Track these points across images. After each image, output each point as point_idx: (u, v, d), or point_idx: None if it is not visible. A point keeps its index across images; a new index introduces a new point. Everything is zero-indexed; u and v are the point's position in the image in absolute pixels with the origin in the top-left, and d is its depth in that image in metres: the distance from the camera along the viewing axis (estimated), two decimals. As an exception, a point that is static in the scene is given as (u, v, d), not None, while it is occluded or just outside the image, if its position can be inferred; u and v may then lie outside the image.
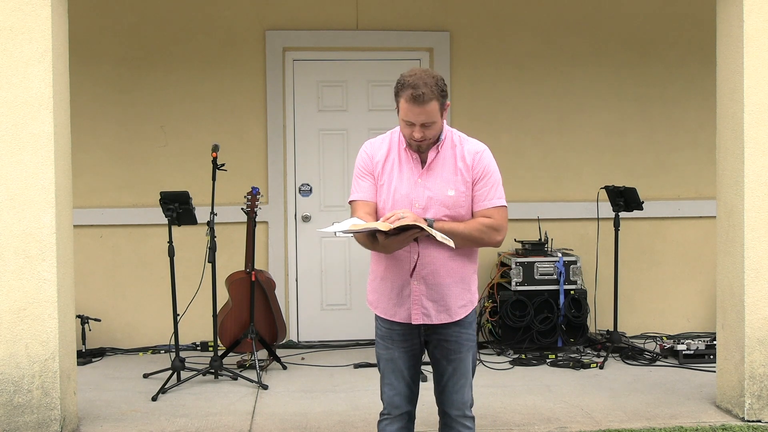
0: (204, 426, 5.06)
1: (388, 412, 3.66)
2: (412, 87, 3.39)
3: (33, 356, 4.68)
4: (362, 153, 3.65)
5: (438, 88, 3.42)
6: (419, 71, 3.45)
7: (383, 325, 3.66)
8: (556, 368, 6.33)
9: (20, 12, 4.64)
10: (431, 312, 3.56)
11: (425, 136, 3.46)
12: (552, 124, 7.37)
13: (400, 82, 3.45)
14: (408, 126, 3.46)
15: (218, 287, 6.12)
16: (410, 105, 3.40)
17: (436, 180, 3.54)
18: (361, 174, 3.62)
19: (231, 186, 6.66)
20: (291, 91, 7.23)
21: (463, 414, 3.65)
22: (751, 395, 5.05)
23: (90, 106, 6.92)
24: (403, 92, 3.42)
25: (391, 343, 3.63)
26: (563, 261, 6.79)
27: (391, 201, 3.55)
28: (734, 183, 5.12)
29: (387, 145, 3.61)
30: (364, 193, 3.61)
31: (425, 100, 3.38)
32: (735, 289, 5.13)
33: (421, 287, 3.54)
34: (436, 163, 3.55)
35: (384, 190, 3.57)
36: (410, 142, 3.52)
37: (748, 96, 5.01)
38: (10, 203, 4.66)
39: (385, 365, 3.65)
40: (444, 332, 3.59)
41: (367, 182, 3.60)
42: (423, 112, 3.40)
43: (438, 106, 3.43)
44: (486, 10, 7.29)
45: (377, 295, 3.65)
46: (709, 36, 5.74)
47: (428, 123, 3.44)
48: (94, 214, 6.96)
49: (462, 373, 3.62)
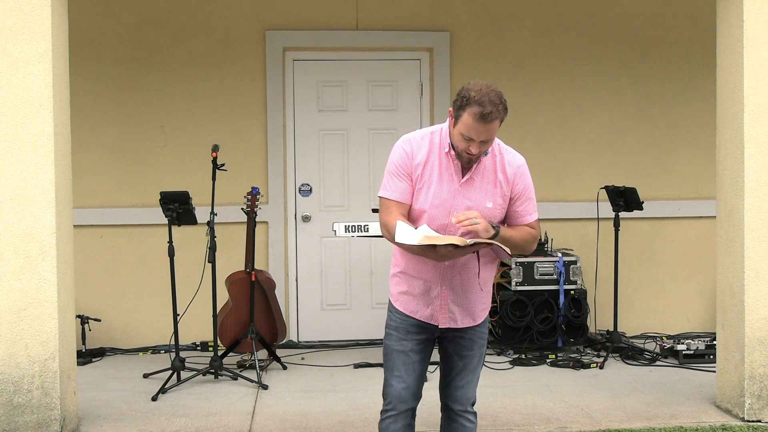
0: (204, 426, 5.06)
1: (393, 407, 3.58)
2: (480, 104, 3.31)
3: (33, 356, 4.68)
4: (401, 150, 3.53)
5: (503, 106, 3.37)
6: (484, 87, 3.37)
7: (398, 315, 3.61)
8: (556, 368, 6.33)
9: (20, 12, 4.64)
10: (457, 317, 3.58)
11: (480, 151, 3.42)
12: (552, 124, 7.37)
13: (465, 96, 3.36)
14: (466, 140, 3.38)
15: (218, 287, 6.12)
16: (476, 123, 3.32)
17: (475, 190, 3.49)
18: (398, 172, 3.50)
19: (231, 186, 6.66)
20: (291, 91, 7.23)
21: (465, 409, 3.68)
22: (751, 395, 5.05)
23: (90, 106, 6.92)
24: (469, 107, 3.33)
25: (406, 335, 3.58)
26: (563, 261, 6.79)
27: (429, 206, 3.48)
28: (734, 183, 5.12)
29: (427, 146, 3.51)
30: (400, 193, 3.50)
31: (492, 119, 3.33)
32: (735, 289, 5.13)
33: (449, 292, 3.54)
34: (477, 173, 3.50)
35: (422, 194, 3.49)
36: (461, 154, 3.44)
37: (748, 96, 5.01)
38: (10, 203, 4.66)
39: (396, 357, 3.58)
40: (461, 330, 3.62)
41: (404, 183, 3.49)
42: (487, 130, 3.35)
43: (499, 125, 3.38)
44: (486, 10, 7.29)
45: (403, 289, 3.60)
46: (709, 36, 5.74)
47: (487, 140, 3.40)
48: (94, 214, 6.96)
49: (470, 369, 3.66)
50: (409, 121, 7.22)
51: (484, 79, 3.50)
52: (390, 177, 3.52)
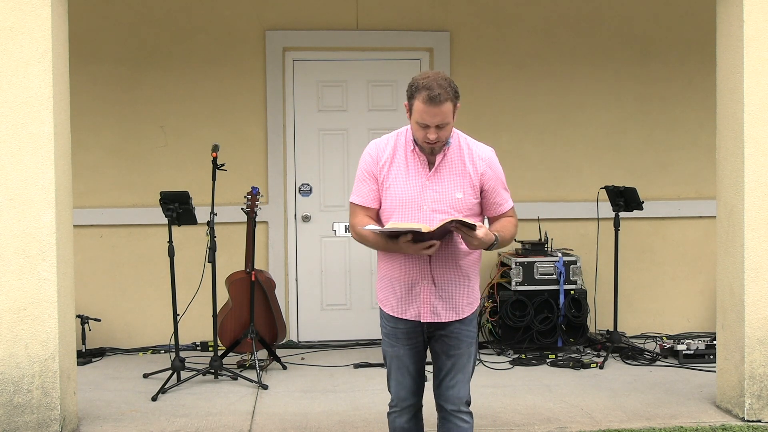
0: (204, 426, 5.06)
1: (396, 405, 3.76)
2: (427, 88, 3.42)
3: (33, 356, 4.68)
4: (366, 155, 3.66)
5: (452, 89, 3.49)
6: (432, 73, 3.50)
7: (388, 323, 3.72)
8: (556, 368, 6.33)
9: (20, 12, 4.64)
10: (440, 310, 3.62)
11: (439, 137, 3.50)
12: (552, 124, 7.37)
13: (413, 85, 3.48)
14: (422, 128, 3.49)
15: (218, 287, 6.12)
16: (426, 106, 3.43)
17: (443, 182, 3.57)
18: (364, 177, 3.64)
19: (231, 186, 6.66)
20: (291, 91, 7.23)
21: (458, 409, 3.69)
22: (751, 395, 5.05)
23: (90, 106, 6.92)
24: (418, 94, 3.45)
25: (396, 341, 3.71)
26: (563, 261, 6.79)
27: (399, 202, 3.57)
28: (734, 183, 5.12)
29: (392, 146, 3.63)
30: (364, 197, 3.64)
31: (441, 100, 3.43)
32: (735, 289, 5.13)
33: (431, 287, 3.60)
34: (444, 166, 3.58)
35: (390, 191, 3.59)
36: (423, 145, 3.54)
37: (748, 96, 5.01)
38: (10, 203, 4.66)
39: (391, 361, 3.75)
40: (446, 328, 3.66)
41: (368, 186, 3.63)
42: (439, 113, 3.44)
43: (452, 107, 3.49)
44: (486, 10, 7.29)
45: (387, 293, 3.69)
46: (709, 36, 5.74)
47: (443, 124, 3.48)
48: (94, 214, 6.96)
49: (459, 368, 3.68)
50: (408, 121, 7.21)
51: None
52: (357, 182, 3.68)
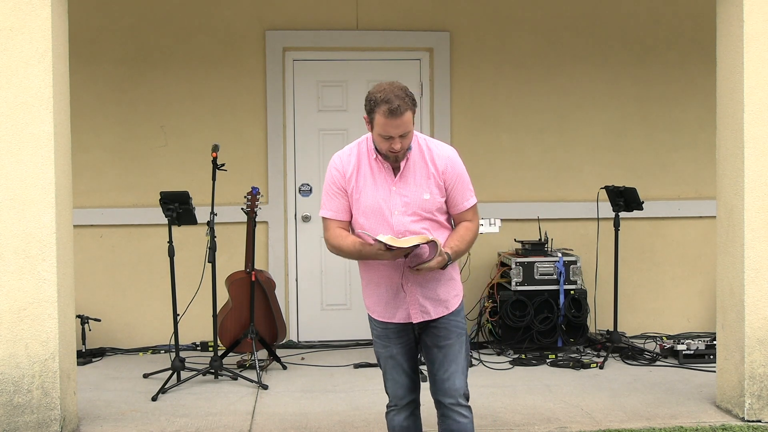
0: (204, 426, 5.06)
1: (395, 404, 3.82)
2: (386, 102, 3.49)
3: (33, 356, 4.68)
4: (332, 170, 3.72)
5: (410, 98, 3.55)
6: (386, 85, 3.55)
7: (378, 325, 3.78)
8: (556, 368, 6.33)
9: (20, 12, 4.64)
10: (429, 309, 3.69)
11: (403, 145, 3.58)
12: (552, 124, 7.37)
13: (371, 99, 3.54)
14: (386, 140, 3.56)
15: (218, 287, 6.12)
16: (387, 119, 3.50)
17: (410, 185, 3.65)
18: (332, 191, 3.70)
19: (231, 186, 6.66)
20: (291, 91, 7.23)
21: (456, 402, 3.70)
22: (751, 395, 5.05)
23: (90, 106, 6.92)
24: (378, 108, 3.51)
25: (388, 341, 3.77)
26: (563, 261, 6.79)
27: (370, 210, 3.65)
28: (734, 183, 5.11)
29: (356, 157, 3.70)
30: (336, 212, 3.70)
31: (401, 112, 3.50)
32: (735, 289, 5.13)
33: (416, 288, 3.66)
34: (408, 170, 3.66)
35: (361, 201, 3.66)
36: (387, 155, 3.61)
37: (748, 96, 5.01)
38: (10, 203, 4.66)
39: (385, 362, 3.80)
40: (435, 321, 3.72)
41: (339, 200, 3.69)
42: (401, 123, 3.52)
43: (412, 116, 3.56)
44: (486, 10, 7.29)
45: (374, 299, 3.75)
46: (709, 36, 5.74)
47: (405, 133, 3.55)
48: (94, 214, 6.96)
49: (451, 359, 3.70)
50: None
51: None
52: (327, 196, 3.73)
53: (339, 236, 3.67)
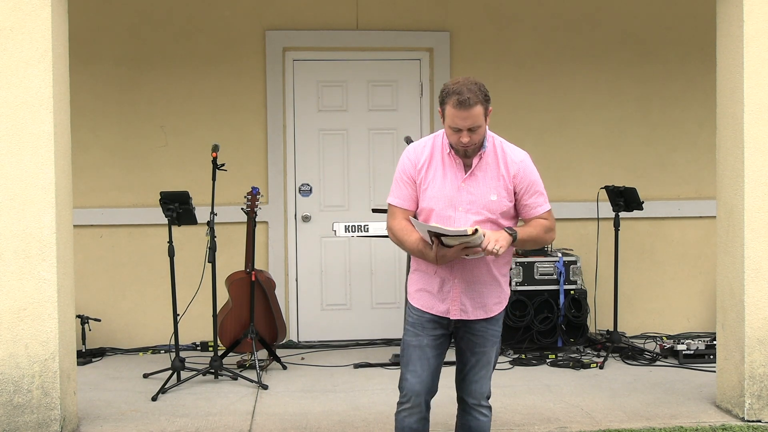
0: (204, 426, 5.06)
1: (408, 400, 3.69)
2: (457, 93, 3.51)
3: (33, 356, 4.68)
4: (405, 159, 3.74)
5: (482, 93, 3.56)
6: (462, 79, 3.57)
7: (415, 312, 3.75)
8: (556, 368, 6.33)
9: (20, 12, 4.64)
10: (468, 308, 3.70)
11: (472, 140, 3.58)
12: (552, 124, 7.37)
13: (444, 90, 3.57)
14: (455, 132, 3.57)
15: (218, 287, 6.12)
16: (456, 110, 3.51)
17: (479, 184, 3.66)
18: (403, 180, 3.72)
19: (231, 186, 6.66)
20: (291, 91, 7.23)
21: (479, 403, 3.81)
22: (751, 395, 5.05)
23: (90, 106, 6.92)
24: (448, 99, 3.54)
25: (422, 330, 3.72)
26: (563, 261, 6.79)
27: (435, 203, 3.66)
28: (734, 183, 5.11)
29: (429, 149, 3.71)
30: (403, 200, 3.72)
31: (471, 104, 3.51)
32: (735, 289, 5.13)
33: (461, 285, 3.68)
34: (479, 169, 3.68)
35: (428, 193, 3.68)
36: (457, 148, 3.62)
37: (748, 96, 5.01)
38: (10, 203, 4.66)
39: (412, 352, 3.71)
40: (473, 326, 3.73)
41: (408, 190, 3.71)
42: (469, 116, 3.52)
43: (482, 110, 3.57)
44: (486, 10, 7.29)
45: (418, 287, 3.75)
46: (709, 36, 5.74)
47: (474, 127, 3.56)
48: (94, 214, 6.96)
49: (483, 365, 3.78)
50: (409, 121, 7.23)
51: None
52: (396, 184, 3.75)
53: (404, 229, 3.67)
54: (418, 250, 3.62)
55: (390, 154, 7.18)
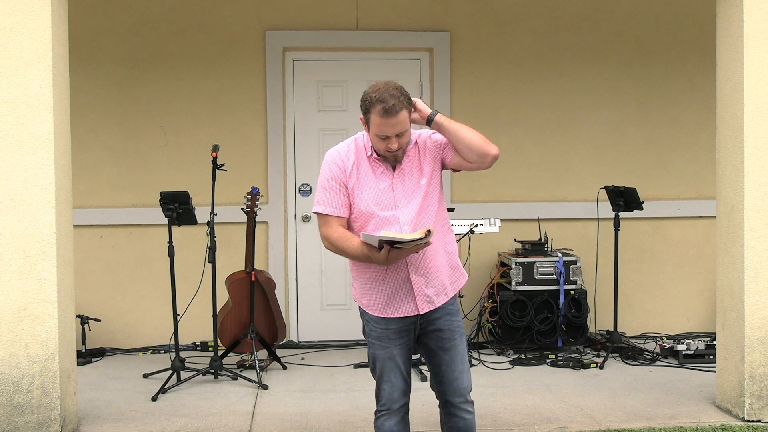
0: (204, 426, 5.06)
1: (387, 408, 3.72)
2: (381, 101, 3.48)
3: (33, 356, 4.68)
4: (332, 165, 3.68)
5: (404, 96, 3.54)
6: (382, 84, 3.54)
7: (378, 326, 3.72)
8: (556, 368, 6.33)
9: (20, 12, 4.64)
10: (433, 298, 3.69)
11: (401, 144, 3.58)
12: (552, 124, 7.37)
13: (366, 99, 3.54)
14: (383, 140, 3.56)
15: (218, 287, 6.12)
16: (383, 119, 3.50)
17: (408, 176, 3.66)
18: (332, 187, 3.65)
19: (231, 186, 6.66)
20: (291, 91, 7.23)
21: (465, 400, 3.74)
22: (751, 395, 5.05)
23: (90, 106, 6.92)
24: (373, 108, 3.51)
25: (389, 342, 3.71)
26: (563, 261, 6.79)
27: (373, 206, 3.63)
28: (734, 183, 5.12)
29: (354, 153, 3.69)
30: (336, 208, 3.66)
31: (396, 111, 3.49)
32: (735, 289, 5.13)
33: (421, 279, 3.66)
34: (404, 162, 3.67)
35: (364, 196, 3.64)
36: (386, 155, 3.61)
37: (748, 96, 5.01)
38: (10, 203, 4.66)
39: (383, 364, 3.71)
40: (437, 323, 3.71)
41: (340, 197, 3.65)
42: (397, 122, 3.51)
43: (407, 114, 3.55)
44: (486, 10, 7.29)
45: (373, 296, 3.70)
46: (709, 36, 5.74)
47: (402, 132, 3.55)
48: (94, 214, 6.96)
49: (458, 359, 3.72)
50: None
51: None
52: (324, 192, 3.67)
53: (343, 237, 3.60)
54: (363, 254, 3.55)
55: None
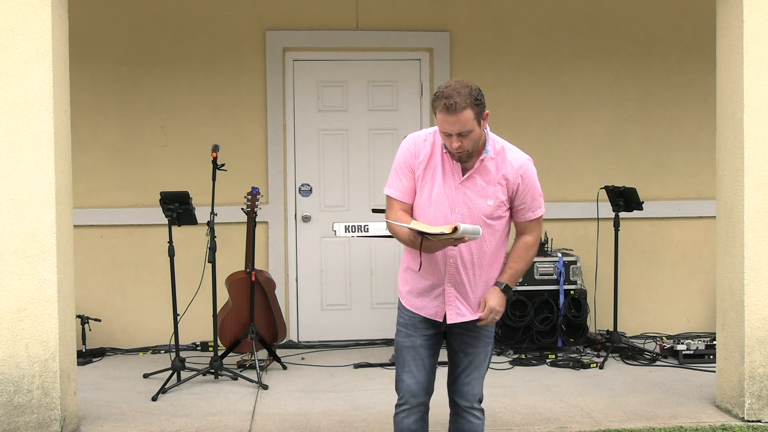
0: (204, 426, 5.06)
1: (405, 401, 3.68)
2: (445, 97, 3.42)
3: (33, 356, 4.68)
4: (405, 148, 3.64)
5: (471, 96, 3.43)
6: (454, 82, 3.48)
7: (407, 313, 3.70)
8: (556, 368, 6.33)
9: (20, 12, 4.64)
10: (465, 311, 3.64)
11: (463, 146, 3.48)
12: (552, 124, 7.37)
13: (435, 94, 3.49)
14: (446, 137, 3.49)
15: (218, 287, 6.12)
16: (444, 115, 3.43)
17: (475, 188, 3.58)
18: (402, 170, 3.63)
19: (231, 186, 6.66)
20: (291, 91, 7.23)
21: (471, 406, 3.73)
22: (750, 395, 5.05)
23: (90, 106, 6.92)
24: (437, 103, 3.45)
25: (414, 331, 3.68)
26: (563, 261, 6.79)
27: (430, 202, 3.59)
28: (734, 183, 5.12)
29: (431, 144, 3.62)
30: (402, 192, 3.64)
31: (458, 108, 3.40)
32: (735, 289, 5.13)
33: (453, 290, 3.62)
34: (478, 172, 3.59)
35: (425, 190, 3.61)
36: (451, 152, 3.55)
37: (748, 96, 5.01)
38: (11, 203, 4.66)
39: (406, 353, 3.68)
40: (465, 326, 3.67)
41: (408, 182, 3.62)
42: (457, 121, 3.42)
43: (473, 115, 3.45)
44: (486, 10, 7.29)
45: (409, 287, 3.69)
46: (709, 36, 5.74)
47: (464, 132, 3.45)
48: (94, 214, 6.96)
49: (475, 366, 3.71)
50: (409, 122, 7.23)
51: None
52: (395, 174, 3.66)
53: (396, 220, 3.59)
54: (410, 242, 3.54)
55: (390, 154, 7.15)
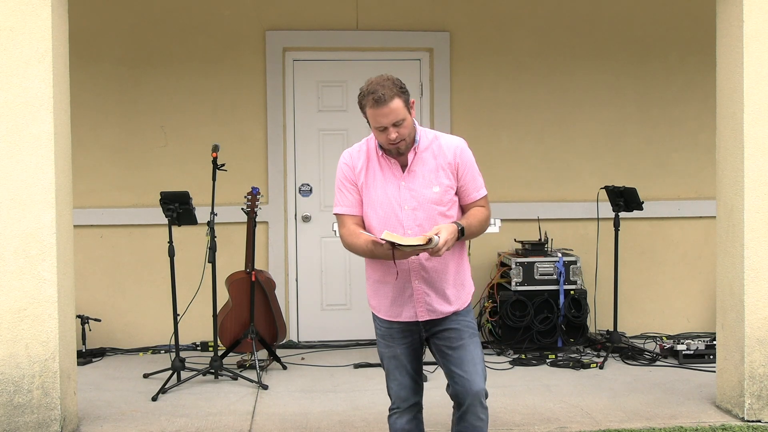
0: (204, 426, 5.06)
1: (397, 406, 3.78)
2: (371, 92, 3.50)
3: (33, 356, 4.68)
4: (342, 165, 3.72)
5: (396, 86, 3.52)
6: (374, 78, 3.56)
7: (382, 324, 3.76)
8: (556, 368, 6.33)
9: (20, 12, 4.64)
10: (435, 307, 3.66)
11: (400, 134, 3.54)
12: (552, 124, 7.37)
13: (360, 94, 3.56)
14: (381, 132, 3.55)
15: (218, 287, 6.12)
16: (375, 109, 3.50)
17: (419, 179, 3.63)
18: (345, 186, 3.69)
19: (231, 186, 6.66)
20: (291, 91, 7.23)
21: (475, 402, 3.62)
22: (750, 395, 5.05)
23: (90, 106, 6.92)
24: (365, 101, 3.52)
25: (392, 341, 3.74)
26: (563, 261, 6.79)
27: (379, 206, 3.63)
28: (734, 183, 5.12)
29: (365, 153, 3.69)
30: (349, 206, 3.69)
31: (387, 99, 3.48)
32: (735, 289, 5.13)
33: (422, 286, 3.64)
34: (416, 164, 3.64)
35: (371, 196, 3.65)
36: (389, 148, 3.59)
37: (748, 96, 5.01)
38: (10, 203, 4.66)
39: (388, 362, 3.77)
40: (443, 322, 3.69)
41: (353, 195, 3.68)
42: (390, 111, 3.49)
43: (402, 103, 3.53)
44: (486, 10, 7.29)
45: (379, 298, 3.73)
46: (709, 36, 5.74)
47: (398, 122, 3.53)
48: (94, 214, 6.96)
49: (468, 359, 3.64)
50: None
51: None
52: (339, 192, 3.72)
53: (353, 234, 3.62)
54: (369, 250, 3.55)
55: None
